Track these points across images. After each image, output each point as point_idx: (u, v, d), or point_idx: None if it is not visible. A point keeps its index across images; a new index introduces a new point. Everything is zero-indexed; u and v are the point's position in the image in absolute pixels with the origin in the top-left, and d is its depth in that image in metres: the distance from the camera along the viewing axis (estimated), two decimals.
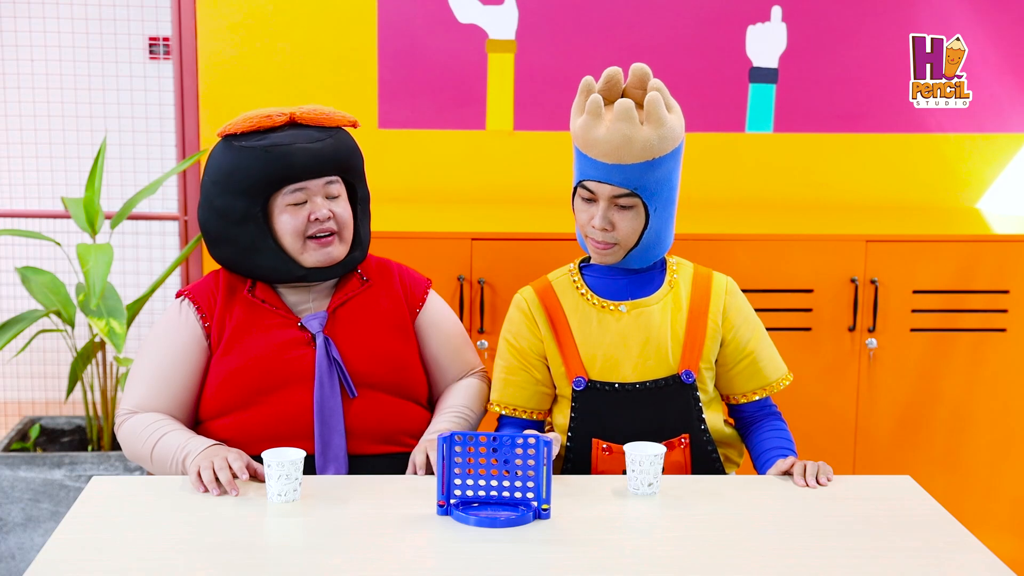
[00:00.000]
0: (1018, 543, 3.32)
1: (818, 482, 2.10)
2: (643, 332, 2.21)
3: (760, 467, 2.26)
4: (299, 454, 1.97)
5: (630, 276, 2.24)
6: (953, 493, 3.21)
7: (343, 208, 2.28)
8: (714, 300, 2.25)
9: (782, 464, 2.15)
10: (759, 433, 2.30)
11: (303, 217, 2.23)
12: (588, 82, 2.16)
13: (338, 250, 2.27)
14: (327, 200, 2.25)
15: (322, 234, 2.24)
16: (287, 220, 2.23)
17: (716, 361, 2.27)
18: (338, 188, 2.27)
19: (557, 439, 2.08)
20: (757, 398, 2.30)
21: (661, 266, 2.28)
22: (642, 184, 2.12)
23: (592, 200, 2.17)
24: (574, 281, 2.28)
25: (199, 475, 2.02)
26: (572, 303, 2.26)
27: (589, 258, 2.28)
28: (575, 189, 2.20)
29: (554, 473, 2.26)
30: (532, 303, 2.28)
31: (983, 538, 2.03)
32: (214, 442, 2.12)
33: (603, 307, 2.24)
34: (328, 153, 2.24)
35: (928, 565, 1.78)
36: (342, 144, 2.28)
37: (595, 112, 2.11)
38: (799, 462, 2.14)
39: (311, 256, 2.25)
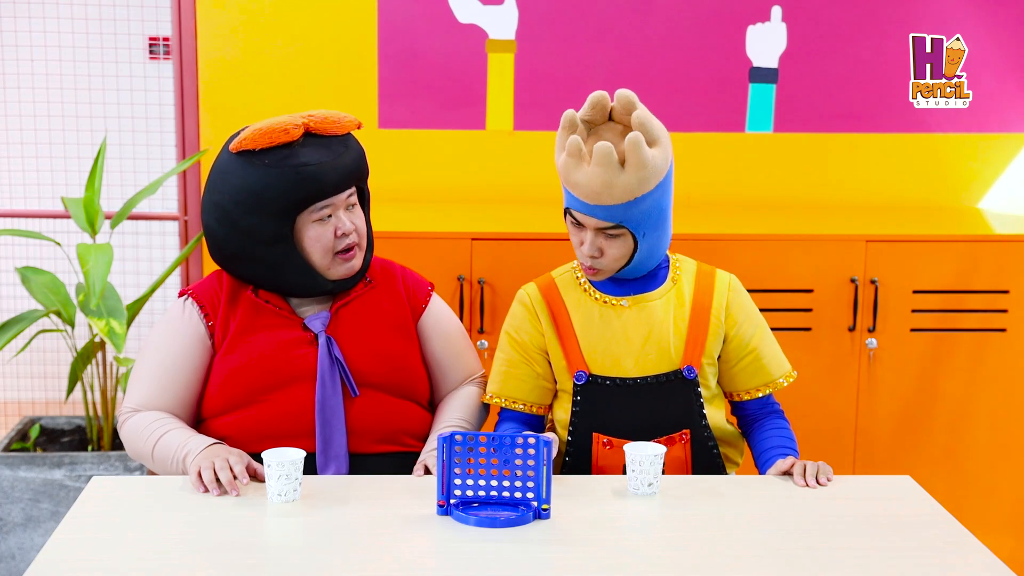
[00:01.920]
0: (1018, 543, 3.32)
1: (818, 482, 2.10)
2: (645, 326, 2.22)
3: (761, 466, 2.26)
4: (299, 454, 1.97)
5: (631, 276, 2.25)
6: (953, 493, 3.21)
7: (360, 218, 2.28)
8: (717, 296, 2.26)
9: (781, 464, 2.15)
10: (761, 431, 2.30)
11: (330, 233, 2.23)
12: (569, 118, 2.13)
13: (359, 261, 2.28)
14: (348, 212, 2.25)
15: (347, 248, 2.25)
16: (315, 237, 2.22)
17: (719, 358, 2.28)
18: (355, 197, 2.28)
19: (556, 440, 2.08)
20: (760, 395, 2.30)
21: (664, 263, 2.29)
22: (627, 218, 2.12)
23: (581, 226, 2.18)
24: (577, 277, 2.29)
25: (199, 475, 2.02)
26: (575, 298, 2.27)
27: None
28: (566, 211, 2.21)
29: (554, 468, 2.26)
30: (535, 298, 2.29)
31: (983, 538, 2.03)
32: (214, 441, 2.12)
33: (605, 302, 2.24)
34: (351, 166, 2.24)
35: (928, 565, 1.78)
36: (357, 153, 2.28)
37: (575, 154, 2.09)
38: (799, 462, 2.14)
39: (337, 270, 2.26)
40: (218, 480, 2.01)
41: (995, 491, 3.32)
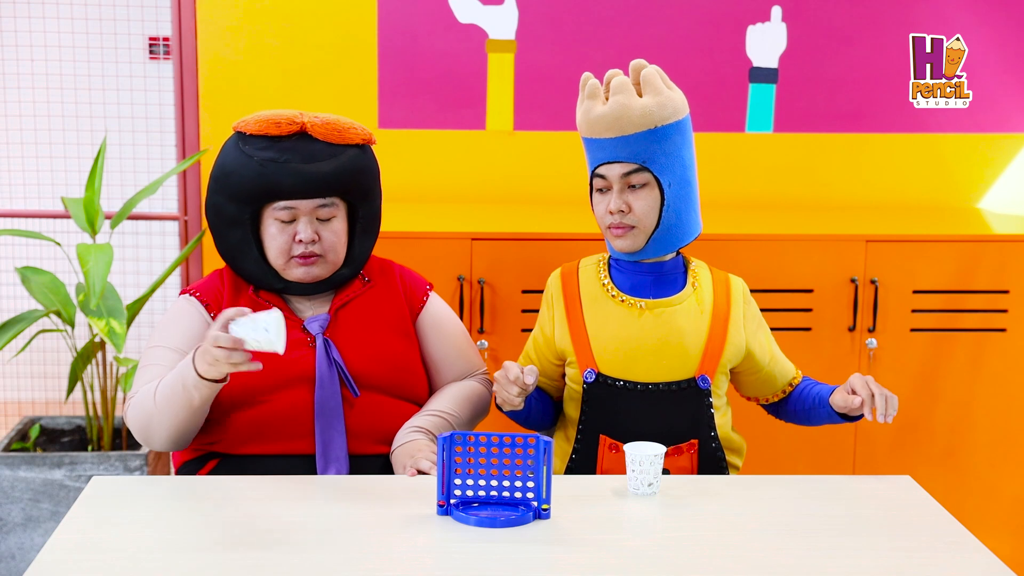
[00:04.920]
0: (1018, 543, 3.32)
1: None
2: (661, 332, 2.20)
3: (821, 406, 2.25)
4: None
5: (654, 274, 2.24)
6: (953, 493, 3.21)
7: (332, 232, 2.24)
8: (734, 306, 2.26)
9: (848, 398, 2.13)
10: (799, 393, 2.32)
11: (289, 235, 2.22)
12: (587, 76, 2.21)
13: (320, 270, 2.25)
14: (316, 222, 2.23)
15: (304, 255, 2.22)
16: (274, 235, 2.22)
17: (736, 367, 2.28)
18: (331, 210, 2.24)
19: (533, 370, 2.08)
20: (777, 400, 2.35)
21: (684, 267, 2.28)
22: (650, 156, 2.13)
23: (606, 189, 2.18)
24: (600, 271, 2.28)
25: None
26: (591, 291, 2.26)
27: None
28: (591, 185, 2.21)
29: (559, 468, 2.27)
30: (555, 289, 2.31)
31: (983, 538, 2.03)
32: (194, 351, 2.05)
33: (622, 301, 2.23)
34: (323, 176, 2.20)
35: (928, 565, 1.78)
36: (345, 166, 2.23)
37: (594, 94, 2.17)
38: (868, 387, 2.10)
39: (293, 272, 2.24)
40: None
41: (995, 491, 3.32)
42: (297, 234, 2.21)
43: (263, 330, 1.93)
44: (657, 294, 2.24)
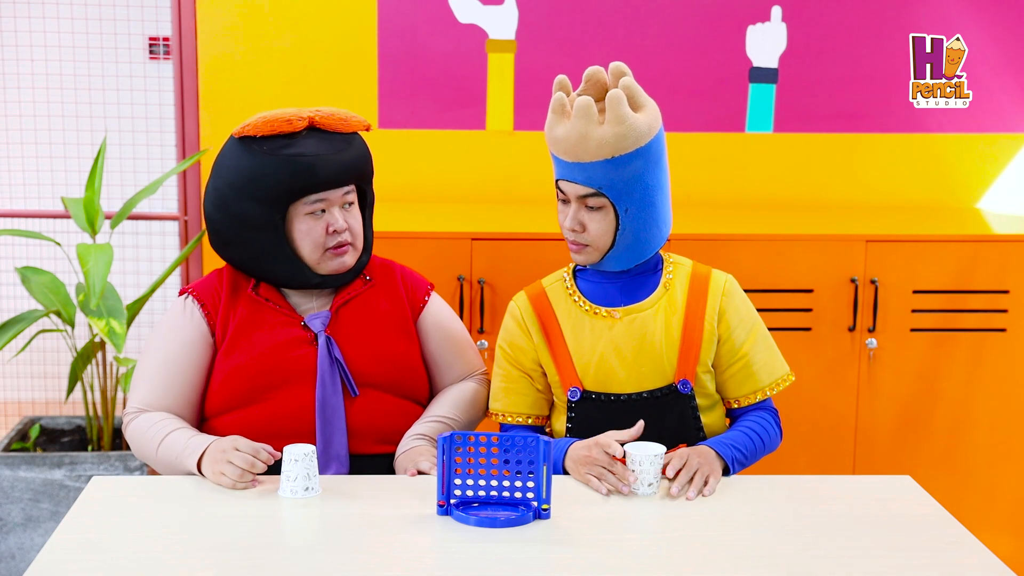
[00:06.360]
0: (1018, 543, 3.32)
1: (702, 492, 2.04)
2: (637, 338, 2.18)
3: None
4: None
5: (623, 280, 2.21)
6: (953, 493, 3.21)
7: (356, 218, 2.28)
8: (710, 302, 2.21)
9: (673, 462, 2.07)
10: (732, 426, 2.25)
11: (322, 228, 2.22)
12: (559, 81, 2.13)
13: (351, 259, 2.27)
14: (343, 210, 2.25)
15: (338, 245, 2.24)
16: (307, 230, 2.22)
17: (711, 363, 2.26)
18: (352, 196, 2.27)
19: (623, 435, 2.07)
20: (748, 404, 2.24)
21: (656, 267, 2.24)
22: (607, 183, 2.09)
23: (567, 201, 2.16)
24: (567, 287, 2.26)
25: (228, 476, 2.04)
26: (565, 310, 2.23)
27: None
28: (556, 190, 2.20)
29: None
30: (525, 311, 2.26)
31: (983, 538, 2.03)
32: (211, 441, 2.10)
33: (596, 313, 2.21)
34: (349, 163, 2.24)
35: (928, 565, 1.78)
36: (359, 152, 2.28)
37: (558, 110, 2.10)
38: (687, 464, 2.05)
39: (327, 265, 2.25)
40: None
41: (995, 491, 3.32)
42: (330, 225, 2.23)
43: (303, 489, 2.00)
44: (627, 300, 2.21)
